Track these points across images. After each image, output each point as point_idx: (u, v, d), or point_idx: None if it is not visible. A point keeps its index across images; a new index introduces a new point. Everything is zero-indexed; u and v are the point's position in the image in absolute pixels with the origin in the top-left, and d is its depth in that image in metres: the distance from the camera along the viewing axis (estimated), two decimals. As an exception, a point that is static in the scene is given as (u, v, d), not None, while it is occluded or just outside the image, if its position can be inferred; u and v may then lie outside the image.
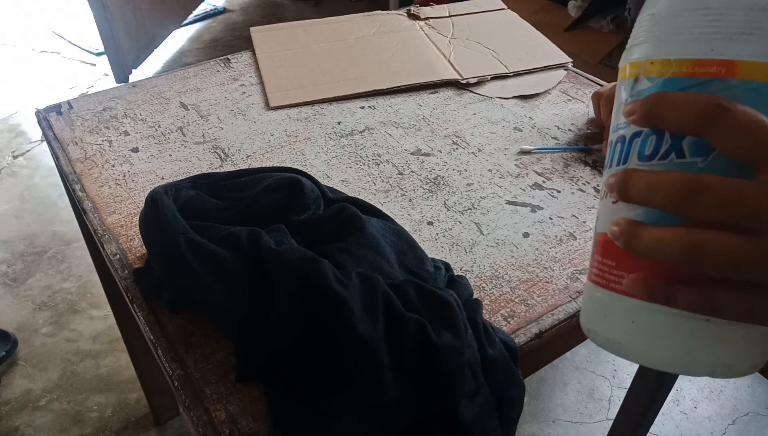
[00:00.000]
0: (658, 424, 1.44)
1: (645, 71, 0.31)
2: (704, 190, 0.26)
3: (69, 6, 3.53)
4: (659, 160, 0.29)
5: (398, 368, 0.51)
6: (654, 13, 0.31)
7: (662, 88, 0.30)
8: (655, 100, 0.29)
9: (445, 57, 1.09)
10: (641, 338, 0.31)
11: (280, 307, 0.53)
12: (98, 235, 0.73)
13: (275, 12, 3.56)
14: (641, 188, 0.28)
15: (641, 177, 0.28)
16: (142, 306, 0.64)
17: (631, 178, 0.29)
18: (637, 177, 0.28)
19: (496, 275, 0.68)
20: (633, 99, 0.31)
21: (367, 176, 0.83)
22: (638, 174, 0.29)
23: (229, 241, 0.57)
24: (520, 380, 0.57)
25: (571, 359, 1.61)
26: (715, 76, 0.28)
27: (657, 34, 0.31)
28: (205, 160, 0.86)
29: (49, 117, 0.95)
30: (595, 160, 0.86)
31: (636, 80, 0.31)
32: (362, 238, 0.61)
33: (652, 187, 0.28)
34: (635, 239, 0.28)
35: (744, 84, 0.28)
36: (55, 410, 1.49)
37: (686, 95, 0.28)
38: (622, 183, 0.29)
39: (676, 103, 0.28)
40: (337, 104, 0.99)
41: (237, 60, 1.11)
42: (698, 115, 0.27)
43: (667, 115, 0.28)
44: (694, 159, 0.28)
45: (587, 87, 1.04)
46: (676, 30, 0.30)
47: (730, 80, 0.28)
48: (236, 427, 0.53)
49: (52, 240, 1.99)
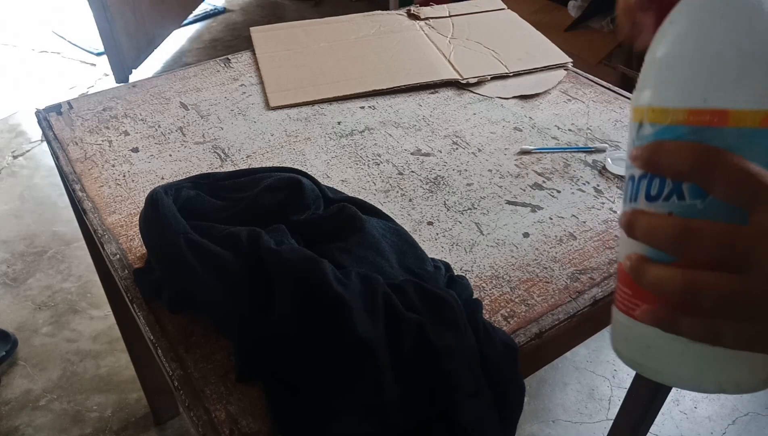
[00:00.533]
0: (658, 424, 1.44)
1: (647, 117, 0.32)
2: (696, 235, 0.29)
3: (69, 6, 3.53)
4: (663, 201, 0.31)
5: (398, 368, 0.51)
6: (654, 59, 0.32)
7: (662, 135, 0.31)
8: (653, 148, 0.31)
9: (445, 57, 1.09)
10: (656, 360, 0.34)
11: (280, 307, 0.53)
12: (98, 235, 0.73)
13: (275, 12, 3.56)
14: (643, 230, 0.31)
15: (644, 220, 0.31)
16: (142, 306, 0.64)
17: (636, 220, 0.32)
18: (641, 220, 0.31)
19: (496, 275, 0.68)
20: (638, 143, 0.33)
21: (367, 176, 0.83)
22: (641, 217, 0.31)
23: (229, 241, 0.57)
24: (520, 380, 0.57)
25: (571, 359, 1.61)
26: (709, 124, 0.30)
27: (656, 82, 0.32)
28: (205, 160, 0.86)
29: (49, 117, 0.95)
30: (595, 160, 0.86)
31: (640, 125, 0.33)
32: (362, 238, 0.61)
33: (652, 231, 0.31)
34: (642, 275, 0.31)
35: (737, 131, 0.29)
36: (55, 410, 1.49)
37: (680, 145, 0.30)
38: (629, 223, 0.32)
39: (671, 153, 0.30)
40: (337, 104, 0.99)
41: (237, 60, 1.11)
42: (691, 164, 0.29)
43: (664, 164, 0.31)
44: (693, 201, 0.30)
45: (587, 87, 1.04)
46: (672, 78, 0.31)
47: (724, 128, 0.29)
48: (236, 427, 0.53)
49: (52, 240, 1.99)
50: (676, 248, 0.30)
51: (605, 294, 0.66)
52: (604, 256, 0.71)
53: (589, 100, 1.00)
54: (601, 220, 0.76)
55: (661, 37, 0.33)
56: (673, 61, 0.31)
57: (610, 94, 1.02)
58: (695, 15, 0.31)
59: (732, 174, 0.28)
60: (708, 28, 0.30)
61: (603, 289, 0.66)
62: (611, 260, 0.70)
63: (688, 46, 0.31)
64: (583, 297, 0.66)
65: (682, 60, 0.31)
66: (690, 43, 0.31)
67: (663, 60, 0.32)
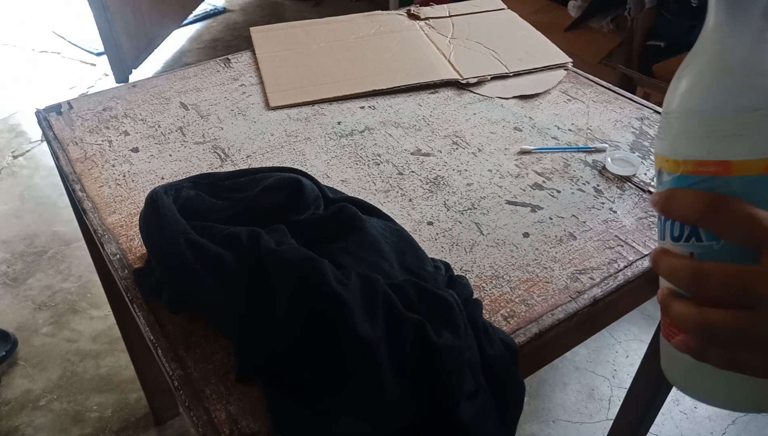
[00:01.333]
0: (658, 424, 1.44)
1: (664, 166, 0.35)
2: (706, 277, 0.32)
3: (69, 6, 3.53)
4: (684, 242, 0.34)
5: (398, 368, 0.51)
6: (668, 113, 0.35)
7: (677, 183, 0.34)
8: (667, 196, 0.34)
9: (445, 57, 1.09)
10: (695, 382, 0.37)
11: (280, 307, 0.53)
12: (98, 235, 0.73)
13: (275, 12, 3.56)
14: (664, 270, 0.35)
15: (665, 260, 0.35)
16: (142, 306, 0.64)
17: (659, 259, 0.35)
18: (663, 260, 0.35)
19: (496, 275, 0.68)
20: (659, 188, 0.36)
21: (367, 176, 0.83)
22: (663, 257, 0.35)
23: (229, 241, 0.57)
24: (520, 380, 0.57)
25: (571, 359, 1.61)
26: (715, 174, 0.32)
27: (669, 134, 0.34)
28: (205, 160, 0.86)
29: (49, 117, 0.95)
30: (595, 160, 0.86)
31: (660, 172, 0.36)
32: (362, 238, 0.61)
33: (671, 271, 0.34)
34: (668, 309, 0.35)
35: (741, 180, 0.32)
36: (55, 410, 1.49)
37: (688, 195, 0.33)
38: (654, 261, 0.36)
39: (681, 201, 0.33)
40: (337, 104, 0.99)
41: (237, 60, 1.11)
42: (698, 212, 0.32)
43: (677, 211, 0.34)
44: (710, 242, 0.33)
45: (587, 87, 1.04)
46: (681, 132, 0.34)
47: (729, 177, 0.32)
48: (236, 427, 0.53)
49: (52, 240, 1.99)
50: (692, 288, 0.33)
51: (605, 294, 0.66)
52: (604, 256, 0.71)
53: (589, 100, 1.00)
54: (601, 220, 0.76)
55: (672, 90, 0.35)
56: (678, 115, 0.34)
57: (610, 94, 1.02)
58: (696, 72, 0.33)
59: (737, 219, 0.31)
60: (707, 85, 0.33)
61: (603, 289, 0.66)
62: (611, 260, 0.70)
63: (691, 102, 0.33)
64: (583, 297, 0.65)
65: (688, 114, 0.33)
66: (692, 100, 0.33)
67: (671, 114, 0.34)
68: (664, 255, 0.35)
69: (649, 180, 0.83)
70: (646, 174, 0.84)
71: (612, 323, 0.73)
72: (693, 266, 0.33)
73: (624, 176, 0.83)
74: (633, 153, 0.87)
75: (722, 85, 0.32)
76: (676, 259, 0.34)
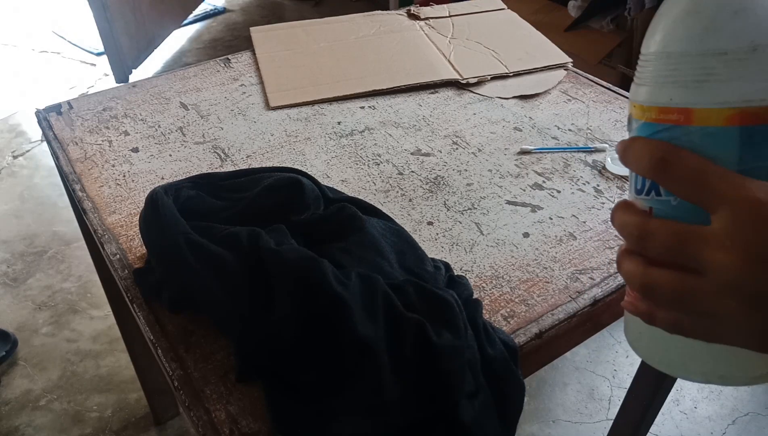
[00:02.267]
0: (658, 424, 1.44)
1: (633, 113, 0.33)
2: (650, 236, 0.30)
3: (69, 6, 3.53)
4: (645, 195, 0.32)
5: (398, 368, 0.51)
6: (641, 55, 0.33)
7: (641, 131, 0.32)
8: (625, 145, 0.32)
9: (445, 57, 1.09)
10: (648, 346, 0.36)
11: (280, 307, 0.53)
12: (98, 235, 0.73)
13: (275, 12, 3.56)
14: (617, 225, 0.33)
15: (618, 215, 0.33)
16: (142, 306, 0.64)
17: (615, 213, 0.33)
18: (617, 214, 0.33)
19: (496, 275, 0.68)
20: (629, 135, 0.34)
21: (367, 176, 0.83)
22: (618, 212, 0.33)
23: (229, 241, 0.57)
24: (520, 380, 0.57)
25: (571, 359, 1.61)
26: (676, 123, 0.30)
27: (640, 78, 0.33)
28: (205, 160, 0.86)
29: (49, 117, 0.95)
30: (595, 160, 0.86)
31: (630, 119, 0.34)
32: (362, 238, 0.61)
33: (622, 227, 0.32)
34: (619, 265, 0.33)
35: (701, 130, 0.29)
36: (55, 410, 1.49)
37: (643, 144, 0.31)
38: (612, 216, 0.34)
39: (636, 152, 0.31)
40: (337, 104, 0.99)
41: (237, 60, 1.11)
42: (650, 163, 0.30)
43: (631, 162, 0.32)
44: (667, 197, 0.31)
45: (587, 87, 1.04)
46: (648, 77, 0.32)
47: (690, 127, 0.30)
48: (236, 427, 0.53)
49: (52, 240, 1.99)
50: (638, 246, 0.31)
51: (605, 294, 0.66)
52: (604, 256, 0.71)
53: (589, 100, 1.00)
54: (601, 220, 0.76)
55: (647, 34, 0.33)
56: (647, 58, 0.32)
57: (610, 94, 1.02)
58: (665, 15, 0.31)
59: (688, 174, 0.29)
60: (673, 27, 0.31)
61: (603, 289, 0.66)
62: (611, 260, 0.70)
63: (658, 45, 0.31)
64: (583, 297, 0.65)
65: (654, 57, 0.31)
66: (659, 43, 0.31)
67: (642, 57, 0.33)
68: (621, 209, 0.33)
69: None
70: (646, 174, 0.84)
71: (612, 323, 0.73)
72: (640, 223, 0.31)
73: (624, 176, 0.83)
74: (633, 153, 0.87)
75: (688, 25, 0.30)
76: (628, 214, 0.32)
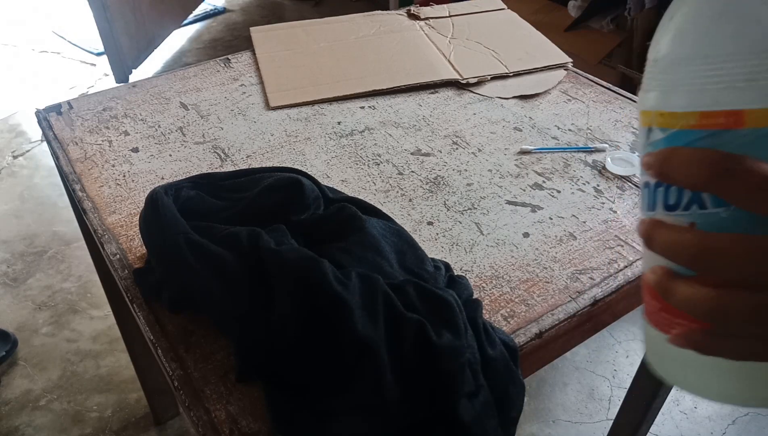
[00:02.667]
0: (658, 424, 1.44)
1: (656, 122, 0.29)
2: (718, 253, 0.26)
3: (69, 6, 3.53)
4: (683, 211, 0.28)
5: (398, 368, 0.51)
6: (657, 60, 0.29)
7: (673, 141, 0.28)
8: (665, 158, 0.28)
9: (445, 57, 1.09)
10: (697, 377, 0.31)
11: (280, 307, 0.53)
12: (98, 235, 0.73)
13: (275, 12, 3.56)
14: (662, 246, 0.28)
15: (662, 235, 0.28)
16: (142, 306, 0.64)
17: (653, 233, 0.29)
18: (659, 234, 0.28)
19: (496, 275, 0.68)
20: (649, 149, 0.30)
21: (367, 176, 0.83)
22: (659, 230, 0.29)
23: (229, 241, 0.57)
24: (520, 380, 0.57)
25: (571, 359, 1.61)
26: (724, 127, 0.27)
27: (662, 84, 0.29)
28: (205, 160, 0.86)
29: (49, 117, 0.95)
30: (595, 160, 0.86)
31: (650, 130, 0.30)
32: (362, 238, 0.61)
33: (672, 247, 0.28)
34: (670, 293, 0.28)
35: (755, 132, 0.26)
36: (55, 410, 1.49)
37: (693, 153, 0.27)
38: (647, 236, 0.29)
39: (684, 162, 0.27)
40: (337, 104, 0.99)
41: (237, 60, 1.11)
42: (707, 173, 0.26)
43: (678, 174, 0.28)
44: (716, 210, 0.27)
45: (587, 87, 1.04)
46: (680, 81, 0.28)
47: (740, 130, 0.26)
48: (236, 427, 0.53)
49: (52, 240, 1.99)
50: (700, 266, 0.27)
51: (605, 294, 0.66)
52: (604, 256, 0.71)
53: (589, 100, 1.00)
54: (601, 220, 0.76)
55: (662, 34, 0.29)
56: (677, 60, 0.28)
57: (610, 94, 1.02)
58: (698, 7, 0.28)
59: (754, 182, 0.25)
60: (713, 21, 0.27)
61: (603, 289, 0.66)
62: (611, 260, 0.70)
63: (693, 43, 0.28)
64: (583, 297, 0.65)
65: (687, 59, 0.28)
66: (695, 40, 0.28)
67: (666, 60, 0.29)
68: (659, 228, 0.29)
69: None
70: (646, 174, 0.84)
71: (612, 323, 0.73)
72: (700, 240, 0.26)
73: (624, 176, 0.83)
74: (633, 153, 0.87)
75: (732, 21, 0.26)
76: (675, 232, 0.28)
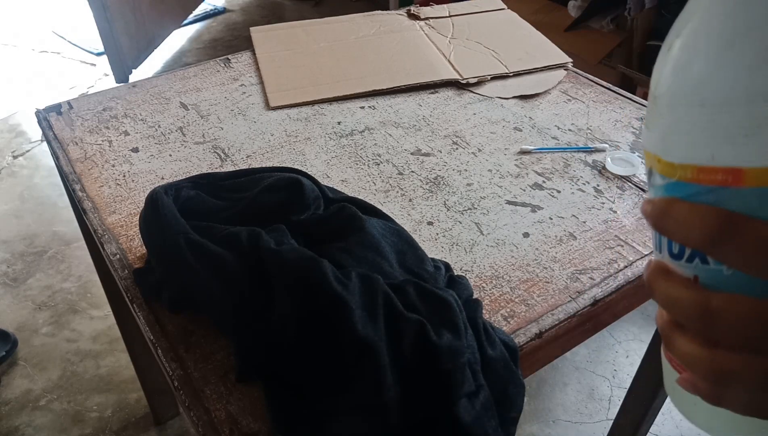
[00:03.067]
0: (658, 424, 1.44)
1: (656, 167, 0.27)
2: (719, 317, 0.24)
3: (69, 6, 3.53)
4: (686, 262, 0.26)
5: (398, 368, 0.51)
6: (656, 97, 0.26)
7: (672, 191, 0.26)
8: (662, 212, 0.26)
9: (445, 57, 1.09)
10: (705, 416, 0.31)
11: (280, 307, 0.53)
12: (98, 235, 0.73)
13: (275, 12, 3.56)
14: (661, 299, 0.27)
15: (663, 288, 0.27)
16: (142, 306, 0.64)
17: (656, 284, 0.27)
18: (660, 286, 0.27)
19: (496, 275, 0.68)
20: (651, 192, 0.28)
21: (367, 176, 0.83)
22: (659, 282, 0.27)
23: (229, 241, 0.57)
24: (520, 380, 0.57)
25: (571, 359, 1.61)
26: (723, 184, 0.24)
27: (661, 127, 0.26)
28: (205, 160, 0.86)
29: (49, 117, 0.95)
30: (595, 160, 0.86)
31: (651, 172, 0.28)
32: (362, 238, 0.61)
33: (672, 303, 0.26)
34: (671, 345, 0.27)
35: (756, 192, 0.23)
36: (55, 410, 1.49)
37: (690, 211, 0.25)
38: (650, 286, 0.27)
39: (680, 220, 0.25)
40: (337, 104, 0.99)
41: (237, 60, 1.11)
42: (705, 236, 0.24)
43: (674, 233, 0.26)
44: (719, 267, 0.25)
45: (587, 87, 1.04)
46: (677, 128, 0.25)
47: (741, 189, 0.24)
48: (236, 427, 0.53)
49: (52, 240, 1.99)
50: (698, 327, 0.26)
51: (605, 294, 0.66)
52: (604, 256, 0.71)
53: (589, 100, 1.00)
54: (601, 220, 0.76)
55: (661, 67, 0.26)
56: (674, 104, 0.25)
57: (610, 94, 1.02)
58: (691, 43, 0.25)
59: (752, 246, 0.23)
60: (708, 63, 0.24)
61: (603, 289, 0.66)
62: (611, 260, 0.70)
63: (690, 85, 0.24)
64: (583, 297, 0.65)
65: (684, 105, 0.25)
66: (687, 84, 0.25)
67: (664, 100, 0.26)
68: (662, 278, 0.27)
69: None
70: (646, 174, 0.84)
71: (612, 323, 0.73)
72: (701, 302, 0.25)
73: (624, 176, 0.83)
74: (633, 153, 0.87)
75: (730, 64, 0.23)
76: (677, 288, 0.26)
